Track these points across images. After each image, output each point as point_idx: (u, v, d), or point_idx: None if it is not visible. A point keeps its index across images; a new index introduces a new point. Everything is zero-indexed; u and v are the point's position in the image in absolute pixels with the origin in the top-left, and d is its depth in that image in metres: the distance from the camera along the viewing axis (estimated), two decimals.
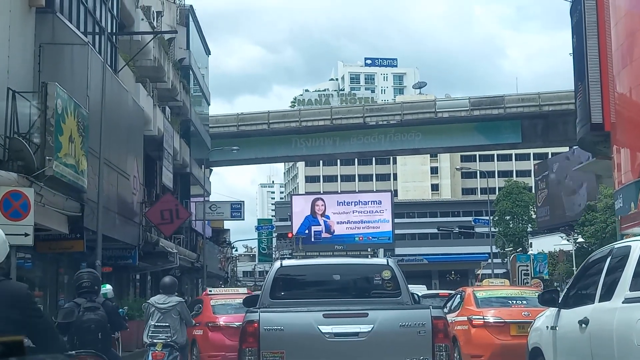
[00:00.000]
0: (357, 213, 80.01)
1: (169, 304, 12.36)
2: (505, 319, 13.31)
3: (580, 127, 38.56)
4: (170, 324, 12.19)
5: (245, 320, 9.24)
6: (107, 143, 19.63)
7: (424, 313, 9.15)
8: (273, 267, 10.80)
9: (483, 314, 13.51)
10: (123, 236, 21.84)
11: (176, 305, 12.40)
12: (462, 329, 13.76)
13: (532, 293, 14.56)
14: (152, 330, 12.25)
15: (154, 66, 30.83)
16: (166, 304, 12.35)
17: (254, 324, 8.95)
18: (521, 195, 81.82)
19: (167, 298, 12.47)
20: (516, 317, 13.37)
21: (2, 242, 5.23)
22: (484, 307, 13.76)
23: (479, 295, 14.29)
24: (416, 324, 8.97)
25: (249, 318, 9.15)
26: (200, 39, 45.99)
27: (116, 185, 20.71)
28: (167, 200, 26.38)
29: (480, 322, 13.39)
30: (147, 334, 12.31)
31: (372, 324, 8.94)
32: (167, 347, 12.08)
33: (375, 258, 12.46)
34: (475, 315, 13.60)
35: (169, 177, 33.55)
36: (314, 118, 60.10)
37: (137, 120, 24.17)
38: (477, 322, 13.42)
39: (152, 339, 12.18)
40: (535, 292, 14.91)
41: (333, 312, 9.13)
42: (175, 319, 12.29)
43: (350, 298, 10.29)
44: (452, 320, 14.07)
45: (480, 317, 13.47)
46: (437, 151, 69.63)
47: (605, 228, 46.87)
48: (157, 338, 12.12)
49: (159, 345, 12.04)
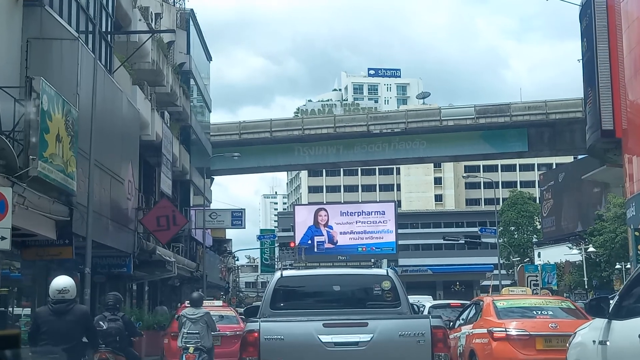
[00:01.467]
0: (361, 223, 79.39)
1: (197, 314, 15.27)
2: (530, 332, 11.93)
3: (591, 134, 37.59)
4: (199, 331, 15.08)
5: (246, 329, 9.36)
6: (99, 144, 18.67)
7: (423, 322, 9.27)
8: (273, 278, 10.88)
9: (505, 326, 12.09)
10: (116, 243, 20.81)
11: (203, 315, 15.30)
12: (481, 342, 12.39)
13: (558, 303, 13.32)
14: (185, 337, 15.14)
15: (152, 69, 29.90)
16: (195, 315, 15.27)
17: (254, 333, 9.07)
18: (526, 206, 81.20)
19: (196, 310, 15.42)
20: (542, 330, 11.99)
21: (73, 285, 9.67)
22: (505, 318, 12.36)
23: (500, 305, 12.86)
24: (415, 333, 9.07)
25: (249, 328, 9.26)
26: (202, 45, 45.08)
27: (109, 190, 19.70)
28: (164, 206, 25.26)
29: (502, 334, 11.99)
30: (181, 340, 15.25)
31: (371, 334, 9.02)
32: (197, 350, 15.01)
33: (375, 269, 12.39)
34: (496, 327, 12.17)
35: (168, 184, 32.60)
36: (317, 126, 59.24)
37: (132, 123, 23.19)
38: (499, 334, 12.01)
39: (185, 343, 15.10)
40: (560, 302, 13.72)
41: (333, 322, 9.23)
42: (203, 327, 15.14)
43: (350, 308, 10.34)
44: (469, 332, 13.07)
45: (502, 329, 12.07)
46: (442, 160, 68.74)
47: (615, 238, 45.93)
48: (189, 343, 15.10)
49: (191, 349, 15.00)
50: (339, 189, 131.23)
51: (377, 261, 77.01)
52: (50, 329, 9.39)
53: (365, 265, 65.59)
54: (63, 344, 9.30)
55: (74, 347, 9.46)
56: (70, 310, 9.50)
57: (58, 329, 9.38)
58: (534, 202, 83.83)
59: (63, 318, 9.42)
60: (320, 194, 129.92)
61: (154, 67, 29.84)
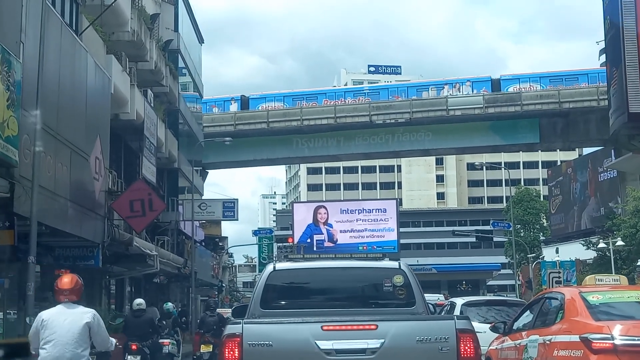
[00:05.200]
0: (361, 221, 77.06)
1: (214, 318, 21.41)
2: None
3: (615, 118, 34.46)
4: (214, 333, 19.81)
5: (225, 333, 7.70)
6: (54, 110, 15.49)
7: (447, 325, 7.62)
8: (265, 271, 9.36)
9: (609, 331, 7.99)
10: (79, 230, 17.56)
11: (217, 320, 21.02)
12: (569, 355, 8.47)
13: None
14: None
15: (133, 40, 26.73)
16: (212, 319, 21.38)
17: (236, 338, 7.45)
18: (532, 203, 78.63)
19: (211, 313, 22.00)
20: None
21: (143, 302, 18.97)
22: (605, 318, 8.34)
23: (592, 299, 8.71)
24: (438, 338, 7.41)
25: (230, 331, 7.63)
26: (192, 24, 41.88)
27: (68, 166, 16.48)
28: (138, 188, 21.81)
29: (605, 344, 7.98)
30: None
31: (382, 339, 7.42)
32: None
33: (385, 261, 9.96)
34: (595, 332, 8.11)
35: (152, 171, 29.40)
36: (317, 116, 56.29)
37: (102, 92, 19.95)
38: (601, 344, 7.95)
39: None
40: None
41: (334, 324, 7.60)
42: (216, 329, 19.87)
43: (356, 307, 8.84)
44: (546, 340, 9.12)
45: (607, 335, 8.04)
46: (449, 152, 65.70)
47: (635, 233, 42.92)
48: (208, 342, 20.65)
49: None
50: (339, 187, 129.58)
51: None
52: (132, 326, 17.91)
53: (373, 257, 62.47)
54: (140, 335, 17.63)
55: (145, 336, 17.79)
56: (143, 315, 18.15)
57: (137, 325, 17.79)
58: (540, 199, 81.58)
59: (139, 320, 17.92)
60: (319, 192, 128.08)
61: (134, 38, 26.68)
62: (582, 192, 61.19)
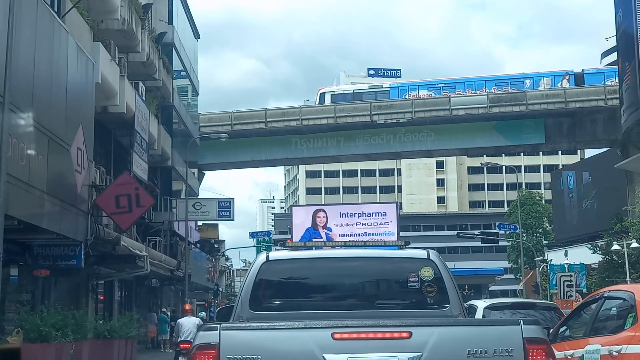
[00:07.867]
0: (361, 225, 75.45)
1: None
2: None
3: (629, 115, 33.01)
4: None
5: (196, 343, 5.52)
6: (27, 91, 14.02)
7: (511, 332, 5.47)
8: (255, 262, 7.26)
9: None
10: (58, 227, 16.07)
11: None
12: None
13: None
14: None
15: (123, 30, 25.34)
16: None
17: (210, 350, 5.39)
18: (535, 207, 77.38)
19: None
20: None
21: None
22: None
23: None
24: (497, 350, 5.34)
25: (202, 340, 5.49)
26: (188, 18, 40.44)
27: (45, 155, 15.02)
28: (125, 182, 20.26)
29: None
30: None
31: (419, 352, 5.36)
32: None
33: (409, 249, 7.67)
34: None
35: (143, 168, 27.93)
36: (316, 116, 54.83)
37: (84, 78, 18.49)
38: None
39: None
40: None
41: (350, 331, 5.47)
42: None
43: (373, 309, 6.86)
44: (611, 352, 7.39)
45: None
46: (452, 153, 64.35)
47: None
48: None
49: None
50: (338, 191, 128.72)
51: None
52: None
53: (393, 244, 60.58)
54: None
55: None
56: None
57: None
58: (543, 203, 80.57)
59: None
60: (318, 195, 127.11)
61: (124, 27, 25.28)
62: (585, 195, 60.00)
